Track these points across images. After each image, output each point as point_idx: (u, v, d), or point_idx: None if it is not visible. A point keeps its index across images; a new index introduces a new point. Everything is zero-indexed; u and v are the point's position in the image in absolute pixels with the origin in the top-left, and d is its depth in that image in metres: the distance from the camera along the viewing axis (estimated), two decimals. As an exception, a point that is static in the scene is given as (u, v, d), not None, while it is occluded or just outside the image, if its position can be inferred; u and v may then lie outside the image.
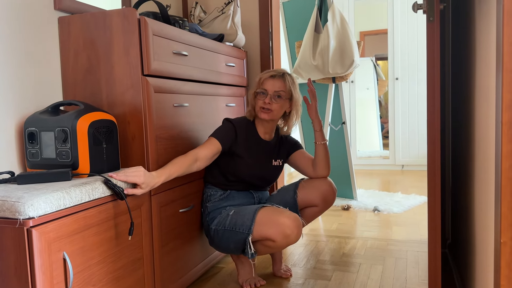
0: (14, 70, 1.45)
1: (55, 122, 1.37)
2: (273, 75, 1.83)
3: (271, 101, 1.80)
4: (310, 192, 1.90)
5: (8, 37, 1.42)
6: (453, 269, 1.96)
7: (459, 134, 1.80)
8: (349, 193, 3.57)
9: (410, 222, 2.86)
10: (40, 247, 1.06)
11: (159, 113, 1.61)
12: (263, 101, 1.81)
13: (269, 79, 1.83)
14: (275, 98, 1.81)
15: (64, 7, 1.62)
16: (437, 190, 1.46)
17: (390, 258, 2.21)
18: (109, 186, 1.31)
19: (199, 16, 2.38)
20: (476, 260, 1.32)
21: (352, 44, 2.99)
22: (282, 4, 3.56)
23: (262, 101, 1.81)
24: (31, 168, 1.41)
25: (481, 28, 1.20)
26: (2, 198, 1.07)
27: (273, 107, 1.81)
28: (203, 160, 1.71)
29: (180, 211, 1.76)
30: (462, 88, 1.71)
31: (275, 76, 1.83)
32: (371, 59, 5.83)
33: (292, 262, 2.19)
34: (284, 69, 1.89)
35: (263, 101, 1.81)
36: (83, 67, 1.59)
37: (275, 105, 1.81)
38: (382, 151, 5.74)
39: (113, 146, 1.47)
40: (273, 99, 1.81)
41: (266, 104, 1.80)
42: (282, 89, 1.82)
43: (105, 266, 1.30)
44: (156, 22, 1.56)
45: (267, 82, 1.82)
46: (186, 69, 1.76)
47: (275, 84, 1.82)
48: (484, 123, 1.15)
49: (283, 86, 1.83)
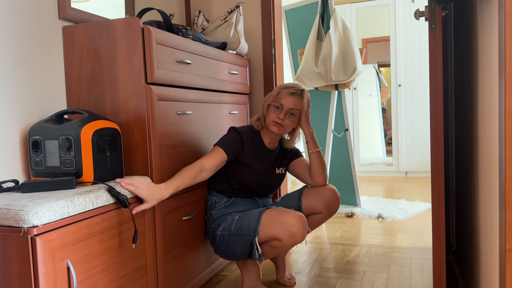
0: (19, 78, 1.46)
1: (59, 130, 1.37)
2: (293, 92, 1.81)
3: (284, 117, 1.80)
4: (314, 199, 1.90)
5: (13, 46, 1.44)
6: (458, 276, 1.95)
7: (463, 141, 1.80)
8: (352, 200, 3.56)
9: (414, 229, 2.84)
10: (44, 255, 1.06)
11: (162, 121, 1.61)
12: (277, 116, 1.80)
13: (288, 96, 1.81)
14: (288, 115, 1.81)
15: (68, 16, 1.63)
16: (441, 197, 1.45)
17: (395, 265, 2.20)
18: (113, 194, 1.32)
19: (202, 24, 2.40)
20: (481, 267, 1.31)
21: (354, 51, 3.00)
22: (284, 12, 3.58)
23: (275, 115, 1.81)
24: (35, 176, 1.42)
25: (483, 34, 1.20)
26: (7, 207, 1.07)
27: (285, 123, 1.81)
28: (209, 171, 1.71)
29: (184, 218, 1.76)
30: (465, 94, 1.71)
31: (295, 94, 1.81)
32: (374, 66, 5.84)
33: (296, 269, 2.18)
34: (301, 85, 1.88)
35: (277, 116, 1.80)
36: (87, 75, 1.60)
37: (287, 122, 1.81)
38: (386, 157, 5.73)
39: (117, 154, 1.47)
40: (287, 115, 1.81)
41: (280, 120, 1.80)
42: (297, 107, 1.82)
43: (108, 274, 1.30)
44: (159, 31, 1.58)
45: (285, 98, 1.81)
46: (189, 77, 1.77)
47: (292, 101, 1.81)
48: (487, 129, 1.15)
49: (299, 104, 1.82)
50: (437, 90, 1.42)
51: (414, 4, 4.80)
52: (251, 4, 2.51)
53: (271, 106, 1.83)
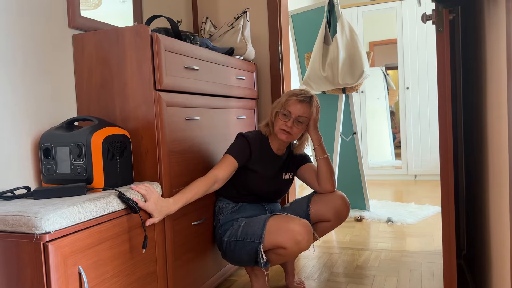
0: (30, 87, 1.48)
1: (70, 137, 1.39)
2: (302, 100, 1.79)
3: (292, 125, 1.79)
4: (323, 206, 1.88)
5: (24, 55, 1.46)
6: (469, 280, 1.93)
7: (472, 143, 1.79)
8: (361, 204, 3.54)
9: (424, 233, 2.83)
10: (56, 262, 1.08)
11: (171, 127, 1.63)
12: (285, 123, 1.79)
13: (297, 103, 1.79)
14: (296, 122, 1.79)
15: (78, 25, 1.66)
16: (450, 200, 1.45)
17: (405, 270, 2.18)
18: (123, 200, 1.33)
19: (210, 30, 2.41)
20: (493, 272, 1.30)
21: (361, 54, 3.00)
22: (291, 17, 3.60)
23: (283, 123, 1.79)
24: (46, 183, 1.44)
25: (491, 37, 1.20)
26: (19, 213, 1.09)
27: (293, 131, 1.80)
28: (222, 181, 1.72)
29: (193, 224, 1.77)
30: (473, 97, 1.70)
31: (303, 101, 1.79)
32: (381, 68, 5.82)
33: (305, 274, 2.18)
34: (310, 92, 1.86)
35: (285, 123, 1.79)
36: (97, 83, 1.62)
37: (295, 129, 1.80)
38: (395, 161, 5.70)
39: (126, 160, 1.49)
40: (295, 123, 1.79)
41: (288, 127, 1.79)
42: (305, 114, 1.80)
43: (119, 280, 1.31)
44: (167, 38, 1.59)
45: (294, 106, 1.79)
46: (197, 83, 1.78)
47: (300, 109, 1.79)
48: (496, 132, 1.14)
49: (308, 112, 1.81)
50: (445, 93, 1.41)
51: (421, 6, 4.79)
52: (258, 9, 2.52)
53: (279, 113, 1.81)
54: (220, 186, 1.73)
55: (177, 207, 1.53)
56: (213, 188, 1.69)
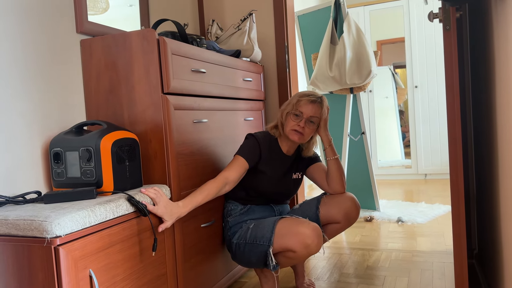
0: (39, 92, 1.50)
1: (79, 142, 1.41)
2: (313, 100, 1.80)
3: (305, 125, 1.79)
4: (333, 208, 1.86)
5: (33, 61, 1.48)
6: (481, 279, 1.91)
7: (482, 141, 1.77)
8: (371, 204, 3.52)
9: (435, 233, 2.80)
10: (67, 265, 1.09)
11: (179, 129, 1.64)
12: (297, 124, 1.79)
13: (308, 103, 1.79)
14: (308, 123, 1.80)
15: (85, 30, 1.68)
16: (460, 199, 1.43)
17: (416, 270, 2.17)
18: (133, 203, 1.34)
19: (216, 33, 2.42)
20: (505, 271, 1.29)
21: (369, 54, 2.99)
22: (297, 18, 3.59)
23: (295, 123, 1.79)
24: (57, 187, 1.45)
25: (499, 35, 1.19)
26: (30, 218, 1.10)
27: (305, 131, 1.80)
28: (233, 182, 1.72)
29: (202, 226, 1.78)
30: (482, 95, 1.69)
31: (315, 101, 1.80)
32: (389, 67, 5.79)
33: (315, 275, 2.17)
34: (318, 93, 1.87)
35: (297, 124, 1.79)
36: (105, 87, 1.64)
37: (307, 130, 1.80)
38: (404, 160, 5.66)
39: (135, 164, 1.50)
40: (307, 123, 1.79)
41: (300, 128, 1.79)
42: (317, 115, 1.81)
43: (130, 283, 1.32)
44: (174, 42, 1.60)
45: (306, 106, 1.79)
46: (204, 85, 1.79)
47: (312, 109, 1.79)
48: (506, 130, 1.13)
49: (319, 112, 1.81)
50: (453, 92, 1.40)
51: (428, 4, 4.75)
52: (264, 11, 2.52)
53: (290, 114, 1.81)
54: (231, 188, 1.73)
55: (187, 209, 1.53)
56: (224, 190, 1.69)
